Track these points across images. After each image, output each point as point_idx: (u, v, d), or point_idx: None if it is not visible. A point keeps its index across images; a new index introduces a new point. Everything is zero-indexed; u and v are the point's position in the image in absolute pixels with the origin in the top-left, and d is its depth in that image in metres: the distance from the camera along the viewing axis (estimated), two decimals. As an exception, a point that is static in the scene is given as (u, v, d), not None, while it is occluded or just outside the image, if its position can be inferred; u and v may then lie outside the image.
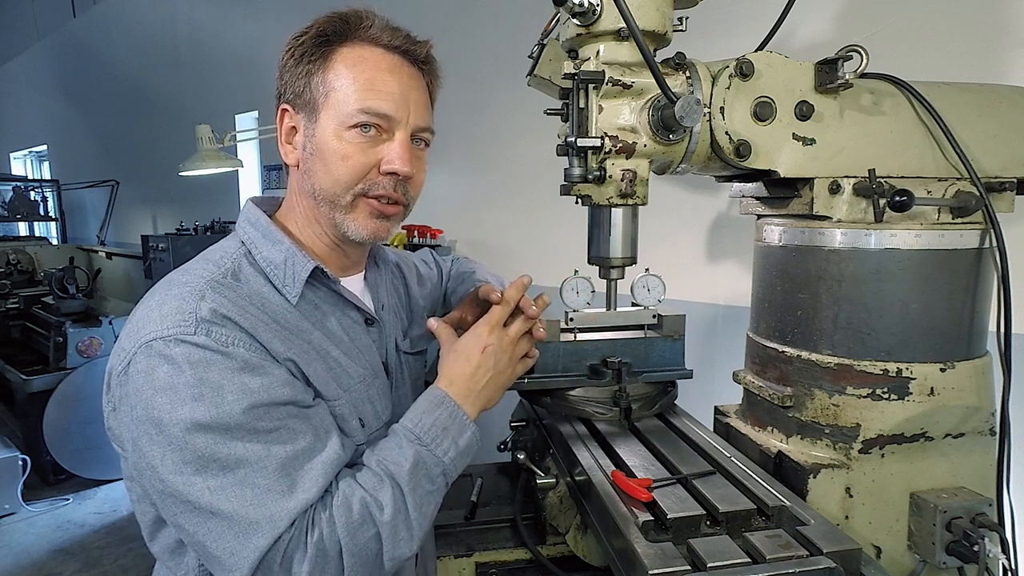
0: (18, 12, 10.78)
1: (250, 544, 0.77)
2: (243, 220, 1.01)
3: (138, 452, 0.81)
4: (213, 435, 0.78)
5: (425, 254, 1.46)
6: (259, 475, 0.79)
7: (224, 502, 0.77)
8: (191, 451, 0.77)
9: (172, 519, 0.82)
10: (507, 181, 3.28)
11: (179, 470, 0.78)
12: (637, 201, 1.09)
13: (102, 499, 4.12)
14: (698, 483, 1.04)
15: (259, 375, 0.82)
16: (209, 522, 0.78)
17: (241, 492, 0.78)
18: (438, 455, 0.90)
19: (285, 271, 0.95)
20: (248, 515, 0.77)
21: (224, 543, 0.78)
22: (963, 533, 1.02)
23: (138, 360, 0.81)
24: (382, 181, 0.95)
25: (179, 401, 0.78)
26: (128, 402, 0.82)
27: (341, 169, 0.92)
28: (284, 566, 0.78)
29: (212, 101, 5.78)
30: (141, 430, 0.80)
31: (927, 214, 1.08)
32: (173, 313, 0.82)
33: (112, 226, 7.66)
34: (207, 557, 0.81)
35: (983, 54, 1.65)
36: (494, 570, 1.24)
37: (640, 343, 1.41)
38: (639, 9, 1.00)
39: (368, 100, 0.91)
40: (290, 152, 0.98)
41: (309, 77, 0.93)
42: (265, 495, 0.78)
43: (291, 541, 0.78)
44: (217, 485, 0.78)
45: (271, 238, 0.97)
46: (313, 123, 0.94)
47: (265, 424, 0.80)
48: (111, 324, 4.27)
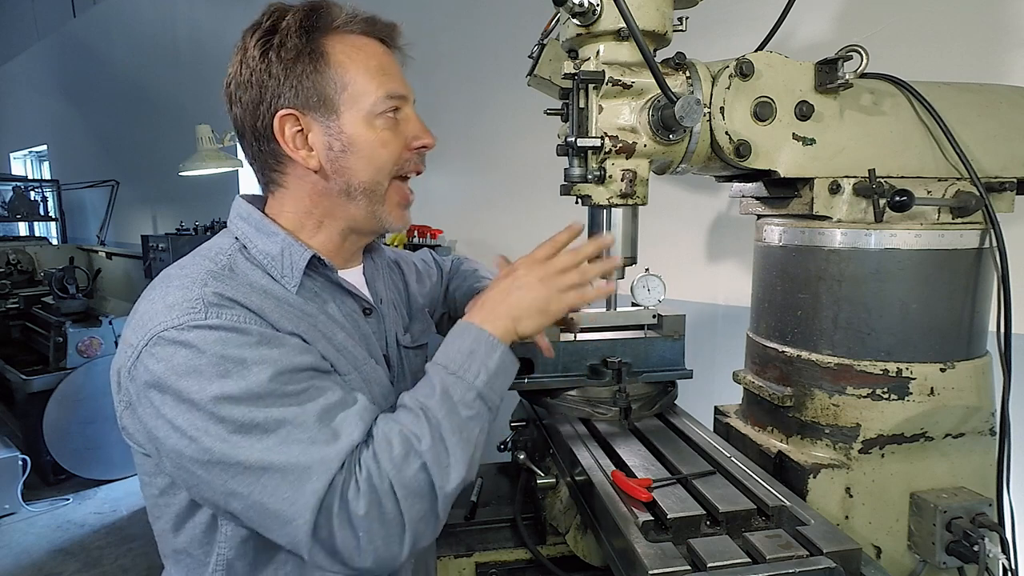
0: (18, 12, 10.78)
1: (308, 489, 0.77)
2: (234, 216, 1.00)
3: (177, 432, 0.80)
4: (247, 405, 0.79)
5: (424, 254, 1.47)
6: (300, 430, 0.80)
7: (274, 456, 0.78)
8: (231, 422, 0.78)
9: (224, 488, 0.80)
10: (507, 181, 3.28)
11: (224, 438, 0.78)
12: (637, 201, 1.09)
13: (102, 499, 4.11)
14: (698, 483, 1.04)
15: (276, 346, 0.83)
16: (263, 478, 0.78)
17: (288, 447, 0.79)
18: (468, 380, 0.88)
19: (282, 262, 0.95)
20: (300, 463, 0.78)
21: (281, 494, 0.78)
22: (963, 533, 1.02)
23: (152, 351, 0.81)
24: (412, 157, 1.00)
25: (206, 380, 0.78)
26: (148, 396, 0.81)
27: (383, 156, 0.95)
28: (342, 507, 0.78)
29: (212, 101, 5.75)
30: (175, 412, 0.80)
31: (927, 214, 1.08)
32: (180, 302, 0.83)
33: (112, 226, 7.66)
34: (267, 518, 0.80)
35: (983, 54, 1.65)
36: (494, 570, 1.24)
37: (640, 343, 1.41)
38: (639, 9, 1.00)
39: (388, 85, 0.94)
40: (309, 157, 0.94)
41: (316, 76, 0.91)
42: (311, 446, 0.79)
43: (344, 482, 0.79)
44: (263, 446, 0.78)
45: (265, 231, 0.97)
46: (336, 121, 0.93)
47: (293, 387, 0.82)
48: (111, 324, 4.27)
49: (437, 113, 3.50)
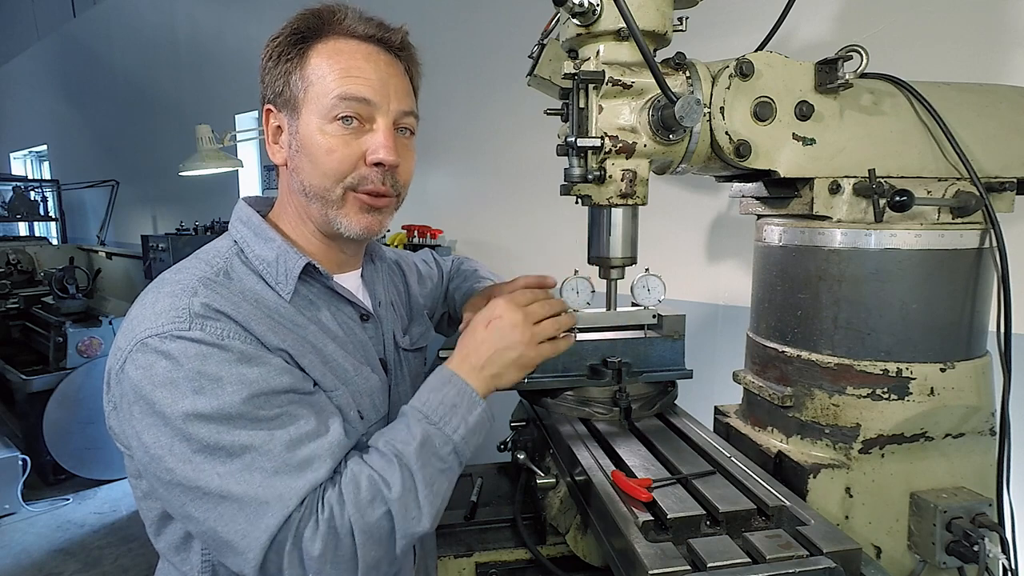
0: (18, 12, 10.78)
1: (261, 524, 0.77)
2: (235, 219, 1.01)
3: (143, 447, 0.81)
4: (216, 425, 0.78)
5: (425, 254, 1.47)
6: (265, 458, 0.79)
7: (233, 485, 0.78)
8: (196, 441, 0.78)
9: (181, 509, 0.81)
10: (507, 181, 3.28)
11: (187, 459, 0.78)
12: (637, 201, 1.09)
13: (102, 499, 4.11)
14: (698, 483, 1.04)
15: (256, 365, 0.83)
16: (219, 507, 0.78)
17: (249, 476, 0.78)
18: (447, 433, 0.89)
19: (277, 268, 0.95)
20: (258, 496, 0.78)
21: (235, 526, 0.78)
22: (963, 533, 1.02)
23: (135, 358, 0.81)
24: (370, 175, 0.94)
25: (180, 395, 0.78)
26: (128, 399, 0.82)
27: (327, 163, 0.92)
28: (295, 544, 0.78)
29: (212, 101, 5.78)
30: (144, 425, 0.80)
31: (927, 214, 1.08)
32: (167, 310, 0.83)
33: (112, 226, 7.66)
34: (218, 544, 0.80)
35: (983, 54, 1.65)
36: (494, 570, 1.24)
37: (640, 343, 1.41)
38: (639, 9, 1.00)
39: (345, 86, 0.91)
40: (277, 152, 0.98)
41: (288, 76, 0.94)
42: (272, 477, 0.79)
43: (301, 520, 0.78)
44: (225, 471, 0.78)
45: (263, 236, 0.97)
46: (296, 120, 0.94)
47: (266, 412, 0.81)
48: (111, 324, 4.27)
49: (437, 113, 3.51)
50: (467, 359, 0.95)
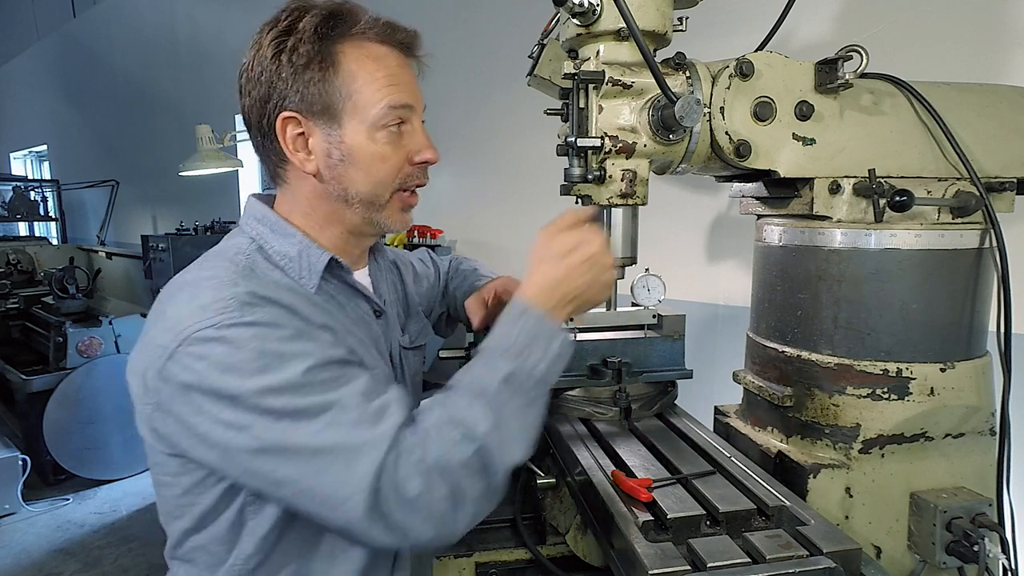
0: (18, 12, 10.78)
1: (358, 470, 0.78)
2: (249, 217, 1.00)
3: (217, 433, 0.80)
4: (289, 395, 0.79)
5: (422, 253, 1.47)
6: (344, 412, 0.80)
7: (323, 439, 0.79)
8: (276, 412, 0.79)
9: (272, 478, 0.81)
10: (507, 181, 3.28)
11: (270, 427, 0.79)
12: (637, 201, 1.09)
13: (102, 499, 4.11)
14: (698, 483, 1.04)
15: (311, 340, 0.84)
16: (313, 462, 0.79)
17: (335, 429, 0.79)
18: (529, 366, 0.88)
19: (300, 263, 0.96)
20: (348, 443, 0.79)
21: (332, 477, 0.78)
22: (963, 533, 1.02)
23: (188, 351, 0.81)
24: (415, 172, 0.99)
25: (246, 375, 0.79)
26: (187, 395, 0.81)
27: (382, 170, 0.95)
28: (394, 485, 0.78)
29: (212, 101, 5.77)
30: (214, 412, 0.80)
31: (927, 214, 1.08)
32: (212, 302, 0.83)
33: (112, 226, 7.65)
34: (317, 501, 0.80)
35: (983, 54, 1.65)
36: (494, 570, 1.24)
37: (640, 343, 1.41)
38: (639, 9, 1.00)
39: (393, 96, 0.93)
40: (306, 161, 0.94)
41: (323, 84, 0.90)
42: (357, 426, 0.80)
43: (395, 462, 0.79)
44: (311, 429, 0.79)
45: (281, 232, 0.97)
46: (337, 129, 0.92)
47: (330, 375, 0.83)
48: (111, 324, 4.26)
49: (437, 113, 3.49)
50: (540, 291, 0.93)
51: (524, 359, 0.88)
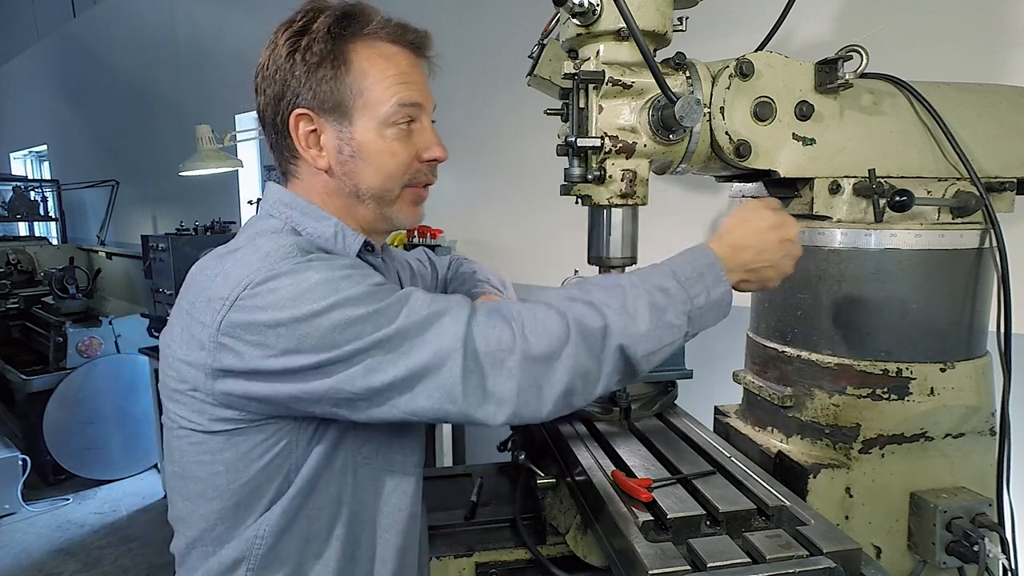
0: (18, 12, 10.78)
1: (448, 332, 0.80)
2: (275, 202, 1.00)
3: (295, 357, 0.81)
4: (366, 301, 0.82)
5: (419, 253, 1.47)
6: (417, 302, 0.84)
7: (405, 322, 0.81)
8: (356, 317, 0.80)
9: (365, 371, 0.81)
10: (507, 181, 3.28)
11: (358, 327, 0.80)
12: (637, 201, 1.09)
13: (102, 499, 4.11)
14: (698, 483, 1.04)
15: (366, 270, 0.89)
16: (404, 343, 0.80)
17: (415, 310, 0.82)
18: (689, 294, 0.87)
19: (336, 243, 0.98)
20: (430, 316, 0.82)
21: (425, 347, 0.80)
22: (963, 533, 1.02)
23: (254, 292, 0.81)
24: (424, 168, 1.00)
25: (320, 296, 0.80)
26: (255, 336, 0.81)
27: (391, 165, 0.96)
28: (487, 345, 0.81)
29: (212, 101, 5.77)
30: (293, 338, 0.80)
31: (927, 214, 1.08)
32: (276, 250, 0.85)
33: (112, 226, 7.65)
34: (417, 378, 0.80)
35: (983, 54, 1.65)
36: (494, 570, 1.23)
37: (640, 343, 1.41)
38: (639, 9, 1.00)
39: (403, 94, 0.95)
40: (318, 157, 0.96)
41: (335, 82, 0.93)
42: (433, 304, 0.84)
43: (485, 323, 0.82)
44: (395, 314, 0.81)
45: (314, 215, 0.98)
46: (348, 126, 0.94)
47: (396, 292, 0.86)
48: (111, 324, 4.26)
49: (438, 113, 3.49)
50: (730, 246, 0.93)
51: (687, 286, 0.88)
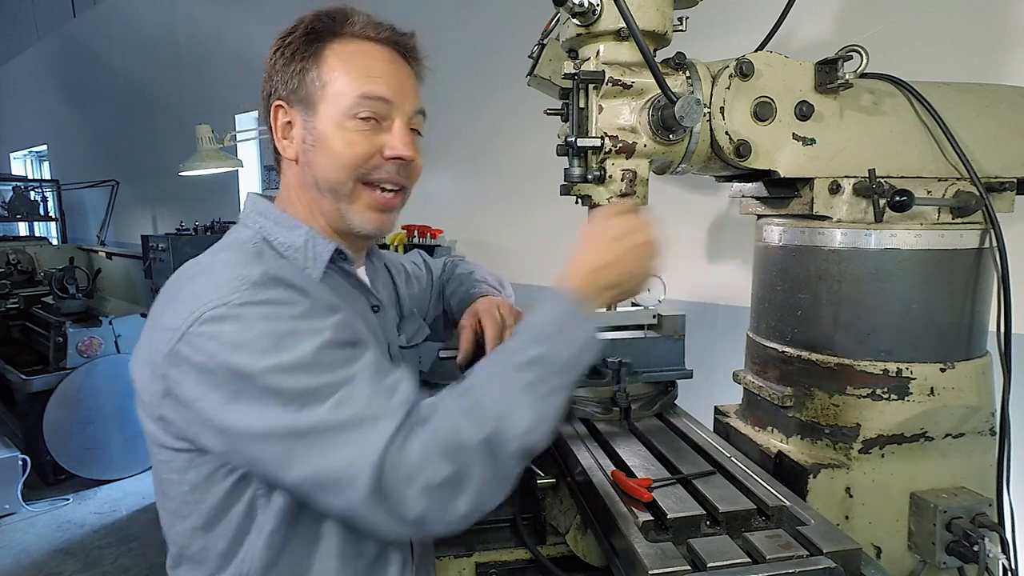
0: (18, 12, 10.78)
1: (367, 448, 0.77)
2: (251, 211, 1.01)
3: (221, 414, 0.80)
4: (301, 374, 0.79)
5: (415, 256, 1.47)
6: (355, 390, 0.80)
7: (332, 419, 0.78)
8: (287, 392, 0.79)
9: (278, 461, 0.80)
10: (507, 181, 3.28)
11: (282, 408, 0.78)
12: (637, 201, 1.09)
13: (102, 499, 4.11)
14: (698, 483, 1.04)
15: (322, 319, 0.84)
16: (321, 443, 0.78)
17: (344, 408, 0.79)
18: (555, 353, 0.87)
19: (306, 253, 0.97)
20: (357, 421, 0.79)
21: (340, 456, 0.78)
22: (963, 533, 1.02)
23: (200, 331, 0.80)
24: (385, 165, 0.97)
25: (258, 353, 0.79)
26: (192, 377, 0.81)
27: (345, 155, 0.95)
28: (400, 468, 0.78)
29: (212, 101, 5.77)
30: (227, 392, 0.79)
31: (927, 214, 1.08)
32: (227, 281, 0.83)
33: (112, 226, 7.65)
34: (325, 484, 0.80)
35: (983, 54, 1.65)
36: (494, 570, 1.23)
37: (640, 343, 1.41)
38: (639, 9, 1.00)
39: (366, 86, 0.94)
40: (288, 146, 0.99)
41: (303, 74, 0.95)
42: (368, 403, 0.80)
43: (403, 442, 0.79)
44: (322, 410, 0.79)
45: (286, 224, 0.99)
46: (312, 116, 0.95)
47: (342, 355, 0.83)
48: (111, 324, 4.25)
49: (438, 113, 3.49)
50: (588, 271, 0.93)
51: (551, 344, 0.87)
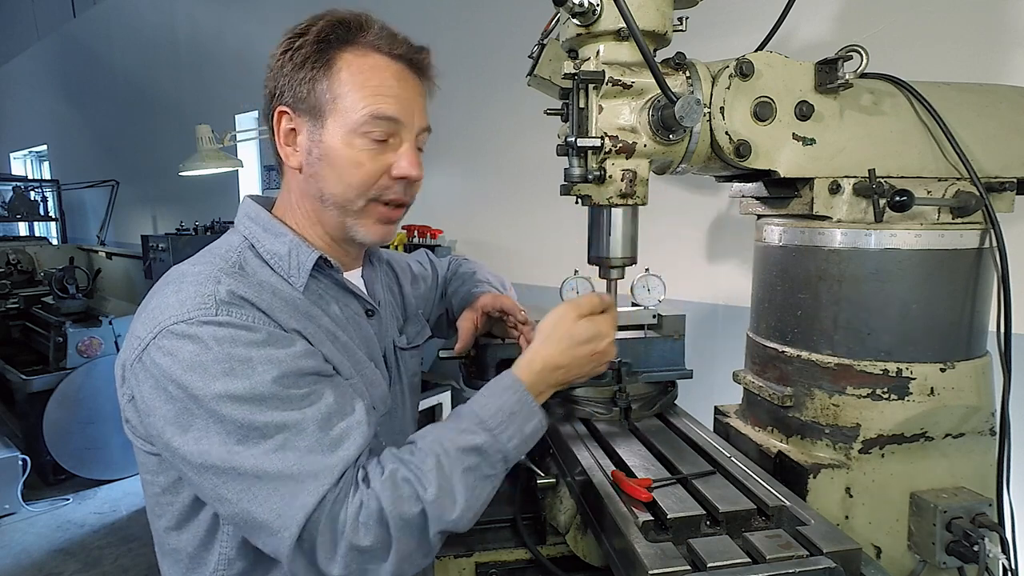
0: (18, 12, 10.79)
1: (297, 503, 0.77)
2: (242, 216, 1.02)
3: (168, 435, 0.81)
4: (249, 406, 0.79)
5: (420, 255, 1.47)
6: (299, 437, 0.80)
7: (268, 465, 0.78)
8: (230, 422, 0.78)
9: (213, 492, 0.81)
10: (507, 181, 3.29)
11: (222, 441, 0.78)
12: (637, 201, 1.08)
13: (102, 499, 4.11)
14: (698, 483, 1.04)
15: (283, 347, 0.84)
16: (254, 487, 0.78)
17: (284, 455, 0.79)
18: (501, 441, 0.88)
19: (290, 262, 0.96)
20: (293, 474, 0.78)
21: (271, 505, 0.78)
22: (963, 533, 1.02)
23: (160, 344, 0.81)
24: (393, 186, 0.97)
25: (211, 377, 0.79)
26: (150, 387, 0.82)
27: (354, 176, 0.94)
28: (330, 526, 0.78)
29: (212, 101, 5.77)
30: (173, 411, 0.80)
31: (927, 214, 1.08)
32: (192, 297, 0.83)
33: (112, 226, 7.65)
34: (252, 525, 0.80)
35: (983, 54, 1.65)
36: (494, 570, 1.23)
37: (640, 343, 1.41)
38: (639, 9, 1.00)
39: (377, 105, 0.93)
40: (292, 155, 0.98)
41: (313, 83, 0.93)
42: (308, 455, 0.79)
43: (336, 501, 0.79)
44: (260, 451, 0.78)
45: (273, 231, 0.98)
46: (319, 129, 0.94)
47: (296, 391, 0.82)
48: (111, 324, 4.26)
49: (438, 113, 3.49)
50: (536, 372, 0.95)
51: (498, 434, 0.88)
